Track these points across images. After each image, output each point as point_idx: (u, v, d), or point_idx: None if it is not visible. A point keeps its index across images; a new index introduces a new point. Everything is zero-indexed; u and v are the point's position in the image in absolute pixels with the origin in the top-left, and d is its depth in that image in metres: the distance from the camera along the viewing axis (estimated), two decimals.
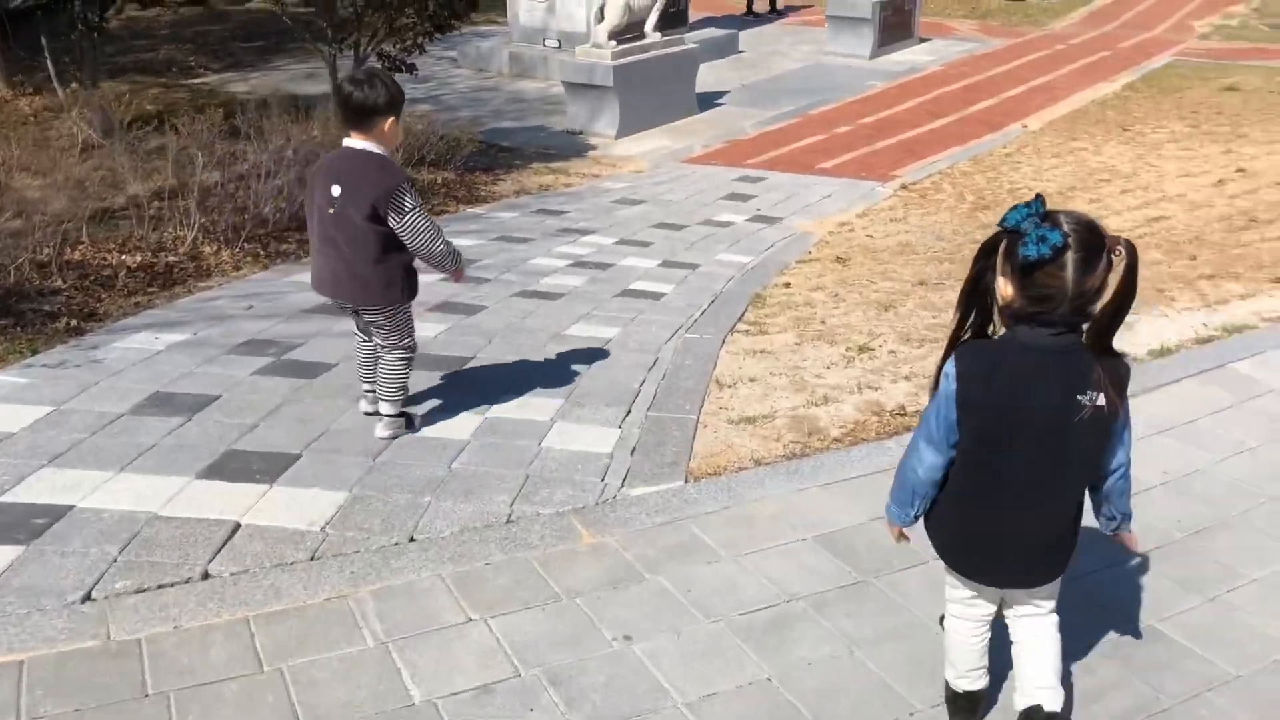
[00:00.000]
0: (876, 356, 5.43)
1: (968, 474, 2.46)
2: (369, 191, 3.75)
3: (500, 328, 5.63)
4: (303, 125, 8.07)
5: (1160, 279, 6.77)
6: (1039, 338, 2.31)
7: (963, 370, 2.38)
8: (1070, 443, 2.36)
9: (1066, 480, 2.45)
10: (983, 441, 2.40)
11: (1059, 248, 2.22)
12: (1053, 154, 10.80)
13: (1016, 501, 2.44)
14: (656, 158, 11.11)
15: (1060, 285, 2.24)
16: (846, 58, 15.73)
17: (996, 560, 2.54)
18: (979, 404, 2.36)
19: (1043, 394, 2.32)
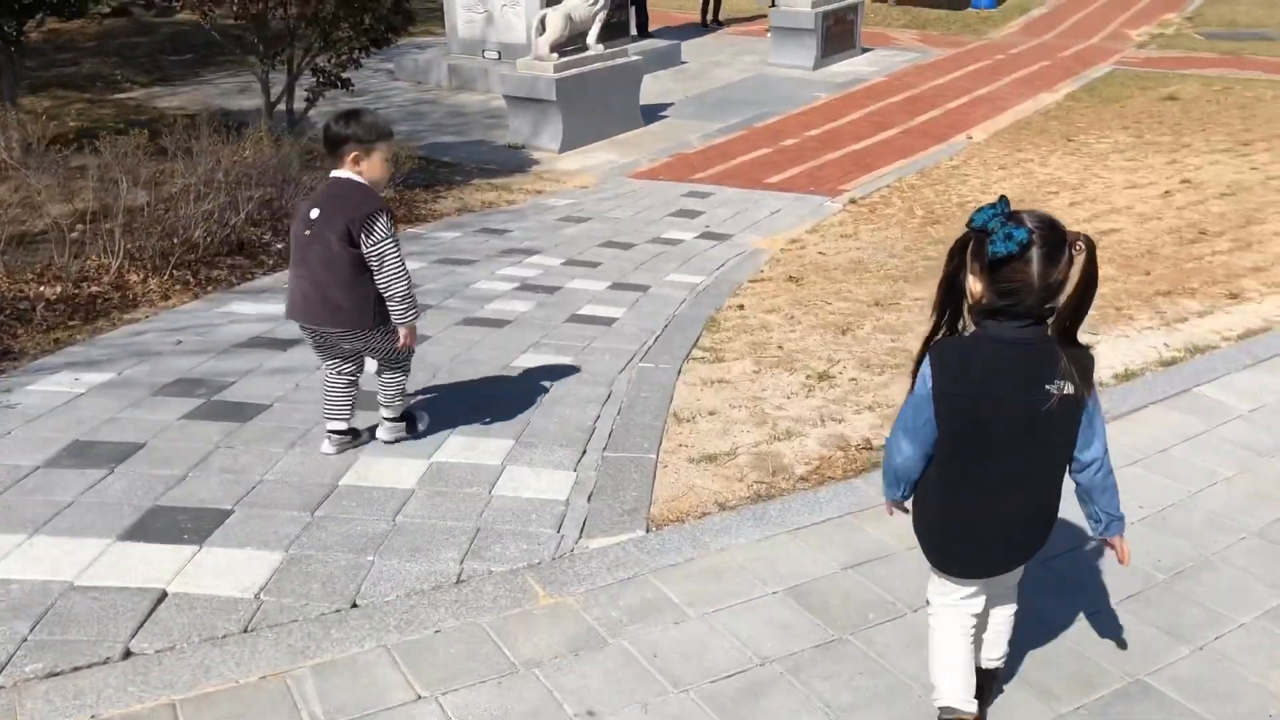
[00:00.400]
0: (837, 384, 5.25)
1: (945, 464, 2.56)
2: (345, 213, 3.81)
3: (445, 361, 5.37)
4: (234, 146, 7.73)
5: (1117, 296, 6.68)
6: (1007, 331, 2.43)
7: (937, 365, 2.50)
8: (1042, 430, 2.46)
9: (1040, 467, 2.55)
10: (958, 432, 2.50)
11: (1024, 244, 2.35)
12: (999, 165, 10.75)
13: (992, 489, 2.55)
14: (602, 172, 10.90)
15: (1026, 279, 2.36)
16: (790, 69, 15.63)
17: (976, 548, 2.63)
18: (953, 395, 2.48)
19: (1013, 384, 2.43)
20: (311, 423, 4.51)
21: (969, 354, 2.48)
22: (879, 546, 3.65)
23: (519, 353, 5.60)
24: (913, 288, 7.08)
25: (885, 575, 3.50)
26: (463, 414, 4.69)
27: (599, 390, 5.05)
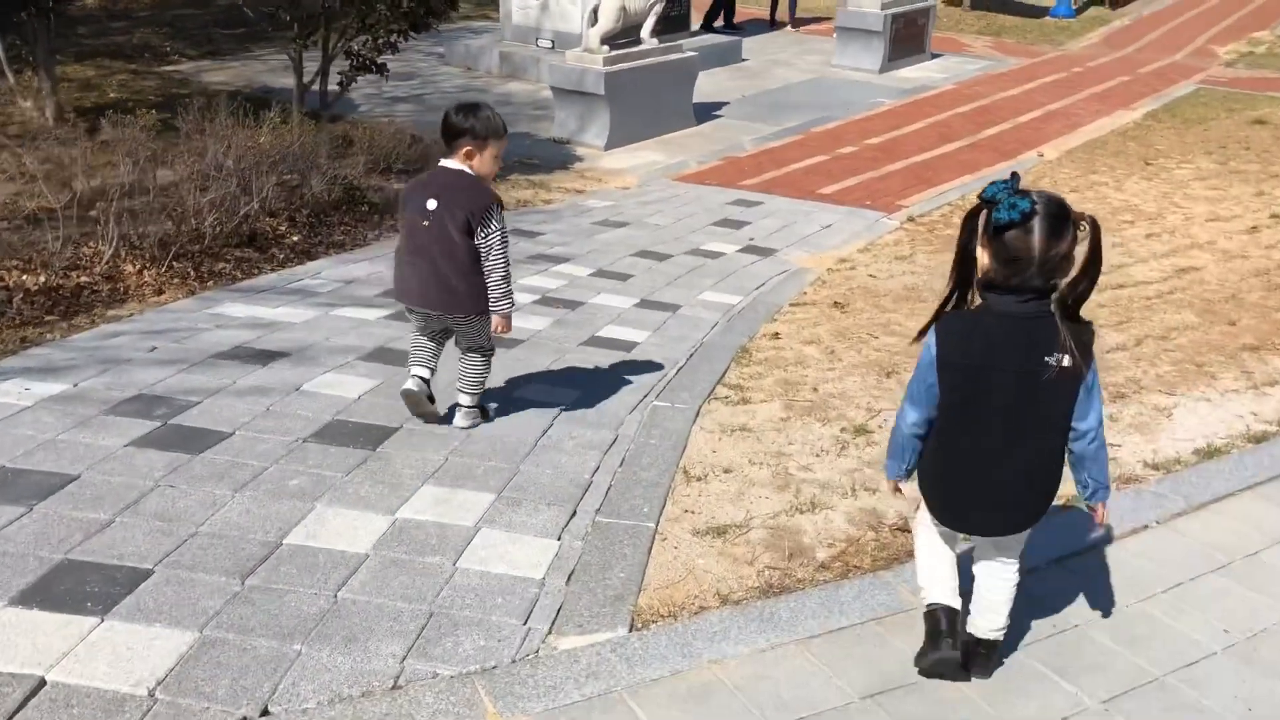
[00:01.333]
0: (875, 442, 4.58)
1: (948, 429, 2.67)
2: (464, 206, 3.95)
3: (439, 389, 4.78)
4: (250, 130, 7.21)
5: (1197, 349, 5.93)
6: (1009, 305, 2.52)
7: (942, 335, 2.61)
8: (1041, 399, 2.55)
9: (1037, 435, 2.62)
10: (961, 398, 2.60)
11: (1027, 213, 2.45)
12: (1070, 188, 9.95)
13: (992, 454, 2.64)
14: (647, 173, 10.27)
15: (1028, 248, 2.45)
16: (854, 71, 14.87)
17: (975, 506, 2.73)
18: (956, 365, 2.58)
19: (1014, 355, 2.52)
20: (272, 458, 3.95)
21: (972, 327, 2.58)
22: (907, 668, 3.00)
23: (524, 382, 5.01)
24: None
25: (913, 713, 2.85)
26: (444, 456, 4.11)
27: (603, 434, 4.44)
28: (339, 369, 4.91)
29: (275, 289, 6.23)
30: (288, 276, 6.53)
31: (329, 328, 5.51)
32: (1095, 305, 6.79)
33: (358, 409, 4.47)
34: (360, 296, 6.13)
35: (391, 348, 5.25)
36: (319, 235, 7.50)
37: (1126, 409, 5.03)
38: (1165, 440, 4.67)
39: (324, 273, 6.64)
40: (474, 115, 3.94)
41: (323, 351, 5.13)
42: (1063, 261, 2.49)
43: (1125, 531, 3.81)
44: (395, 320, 5.68)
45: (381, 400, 4.57)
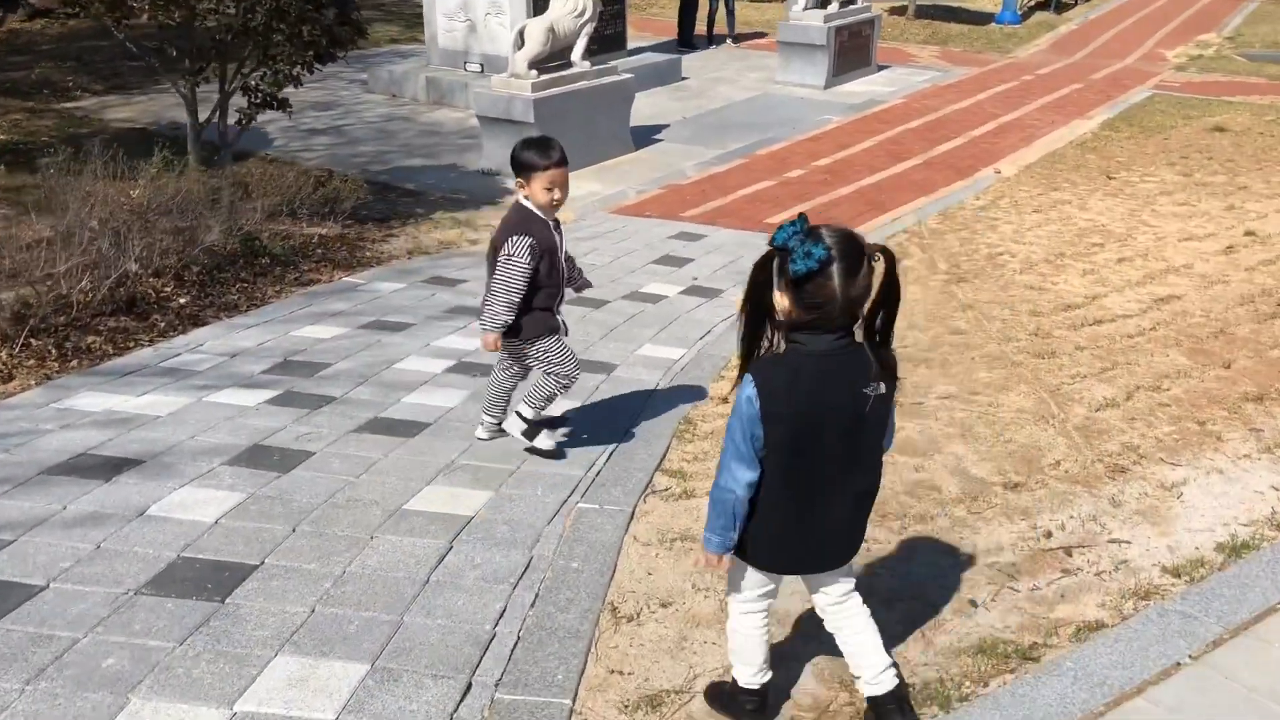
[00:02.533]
0: None
1: (781, 479, 2.59)
2: (500, 234, 4.11)
3: (317, 502, 3.95)
4: (122, 181, 6.33)
5: (1194, 401, 5.23)
6: (823, 344, 2.49)
7: (762, 386, 2.50)
8: (864, 431, 2.58)
9: (866, 462, 2.65)
10: (791, 447, 2.54)
11: (824, 260, 2.39)
12: (1033, 208, 9.29)
13: (828, 494, 2.62)
14: (583, 206, 9.47)
15: (830, 293, 2.42)
16: (799, 87, 14.17)
17: (813, 551, 2.70)
18: (783, 414, 2.51)
19: (837, 394, 2.51)
20: (88, 624, 3.09)
21: (793, 373, 2.50)
22: None
23: (422, 482, 4.19)
24: (939, 377, 5.64)
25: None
26: (312, 605, 3.27)
27: (513, 558, 3.63)
28: (199, 480, 4.06)
29: (147, 368, 5.36)
30: (165, 351, 5.65)
31: (198, 420, 4.65)
32: (1075, 348, 6.10)
33: (211, 540, 3.62)
34: (243, 374, 5.28)
35: (267, 445, 4.41)
36: (210, 295, 6.63)
37: (1130, 488, 4.29)
38: (1181, 532, 3.94)
39: (207, 344, 5.78)
40: (525, 148, 4.07)
41: (184, 456, 4.27)
42: (863, 296, 2.47)
43: (1155, 674, 3.05)
44: (277, 407, 4.84)
45: (244, 524, 3.73)
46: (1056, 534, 3.91)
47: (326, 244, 7.93)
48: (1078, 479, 4.39)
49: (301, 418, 4.75)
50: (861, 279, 2.44)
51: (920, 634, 3.29)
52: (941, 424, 4.98)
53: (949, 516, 4.06)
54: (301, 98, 12.45)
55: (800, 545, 2.69)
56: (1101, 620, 3.32)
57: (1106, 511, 4.09)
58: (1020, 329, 6.45)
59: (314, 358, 5.59)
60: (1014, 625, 3.34)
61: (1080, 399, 5.30)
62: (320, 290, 6.96)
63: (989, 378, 5.62)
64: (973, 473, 4.48)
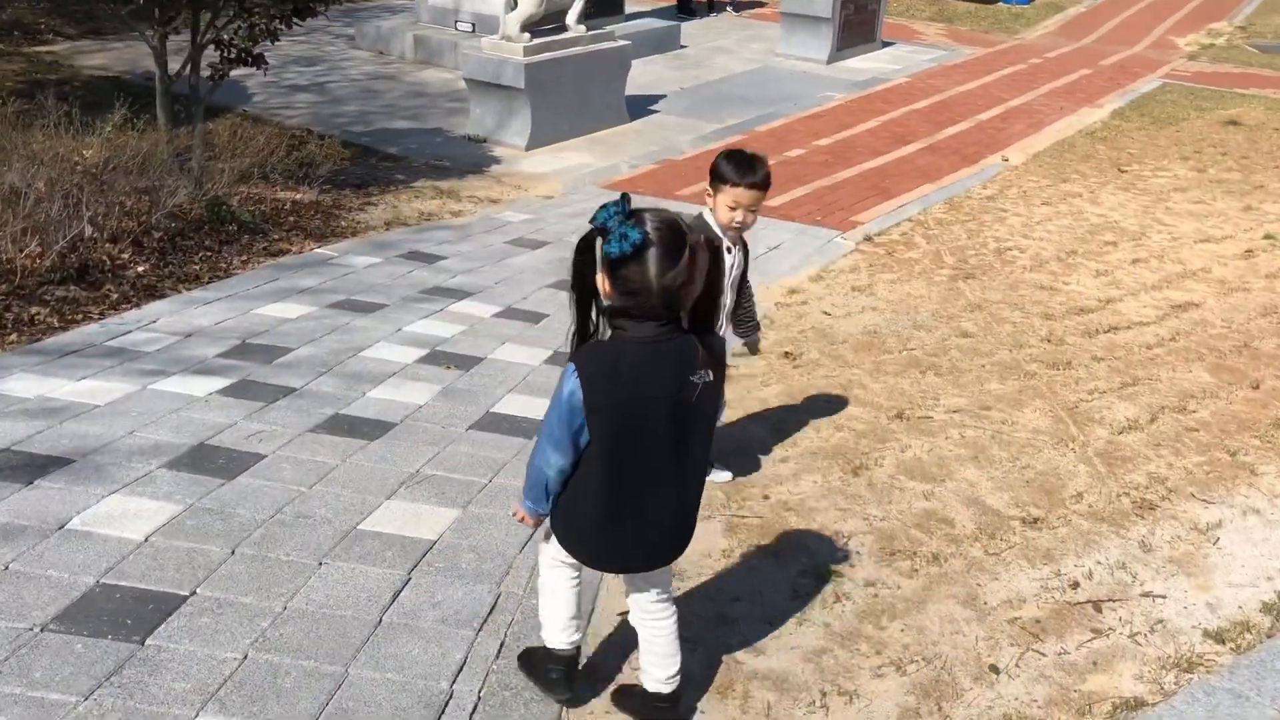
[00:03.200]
0: (847, 592, 3.40)
1: (603, 469, 2.44)
2: None
3: (262, 518, 3.51)
4: (75, 141, 5.82)
5: (1223, 426, 4.84)
6: (647, 331, 2.36)
7: (585, 374, 2.36)
8: (692, 419, 2.43)
9: (692, 454, 2.50)
10: (615, 438, 2.40)
11: (639, 245, 2.26)
12: (1042, 199, 8.86)
13: (656, 484, 2.47)
14: (573, 179, 8.99)
15: (645, 280, 2.29)
16: (801, 61, 13.66)
17: (638, 543, 2.53)
18: (606, 405, 2.37)
19: (663, 384, 2.38)
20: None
21: (615, 362, 2.36)
22: None
23: (382, 495, 3.75)
24: (948, 386, 5.23)
25: None
26: (245, 650, 2.84)
27: (478, 594, 3.20)
28: (132, 486, 3.61)
29: (91, 347, 4.89)
30: (114, 327, 5.18)
31: (140, 413, 4.19)
32: (1092, 358, 5.69)
33: (138, 562, 3.18)
34: (195, 358, 4.82)
35: (213, 444, 3.96)
36: (170, 265, 6.14)
37: (1161, 531, 3.90)
38: (1221, 586, 3.54)
39: (161, 321, 5.30)
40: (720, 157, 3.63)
41: (119, 455, 3.82)
42: (685, 287, 2.33)
43: None
44: (229, 398, 4.39)
45: (177, 544, 3.29)
46: (1083, 583, 3.52)
47: (300, 211, 7.43)
48: (1103, 516, 3.99)
49: (255, 413, 4.30)
50: (680, 269, 2.29)
51: (937, 706, 2.89)
52: (952, 443, 4.57)
53: (964, 557, 3.65)
54: (285, 52, 11.90)
55: (615, 541, 2.54)
56: (1141, 697, 2.93)
57: (1136, 558, 3.69)
58: (1032, 334, 6.04)
59: (275, 340, 5.13)
60: (1041, 699, 2.94)
61: (1101, 419, 4.89)
62: (289, 262, 6.48)
63: (1001, 390, 5.21)
64: (988, 503, 4.08)
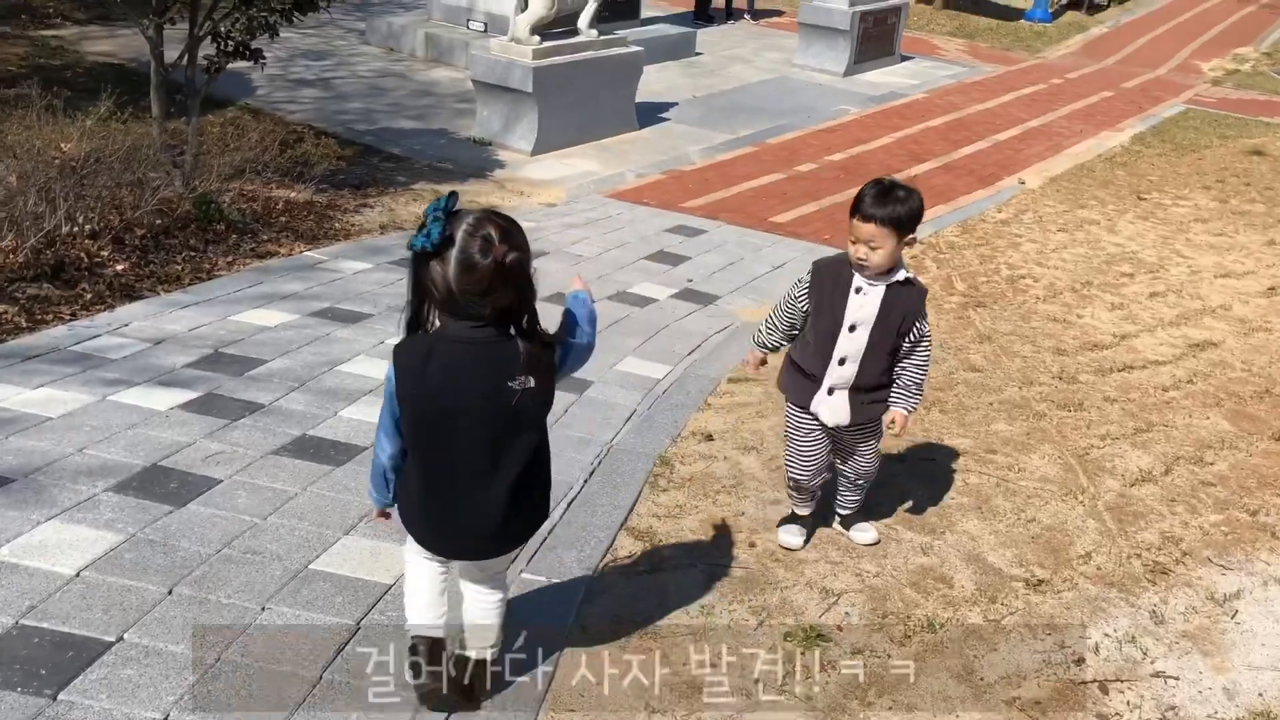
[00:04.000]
0: (835, 666, 3.11)
1: (418, 459, 2.49)
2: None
3: (208, 552, 3.24)
4: (55, 133, 5.58)
5: (1244, 482, 4.54)
6: (462, 330, 2.35)
7: (399, 364, 2.39)
8: (508, 425, 2.42)
9: (513, 459, 2.47)
10: (424, 431, 2.43)
11: (437, 244, 2.25)
12: (1058, 226, 8.56)
13: (472, 480, 2.47)
14: (577, 186, 8.72)
15: (437, 280, 2.29)
16: (818, 73, 13.37)
17: (459, 532, 2.56)
18: (414, 396, 2.40)
19: (474, 383, 2.37)
20: None
21: (427, 354, 2.38)
22: None
23: (340, 530, 3.49)
24: (953, 425, 4.94)
25: None
26: (167, 710, 2.58)
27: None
28: (73, 511, 3.35)
29: (55, 351, 4.64)
30: (82, 330, 4.93)
31: (95, 427, 3.94)
32: (1104, 399, 5.40)
33: (65, 601, 2.92)
34: (162, 368, 4.56)
35: (167, 466, 3.70)
36: (151, 264, 5.90)
37: (1174, 599, 3.61)
38: (1239, 666, 3.25)
39: (133, 325, 5.05)
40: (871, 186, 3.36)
41: (65, 475, 3.57)
42: (486, 295, 2.30)
43: None
44: (192, 414, 4.13)
45: (110, 580, 3.03)
46: (1089, 659, 3.23)
47: (293, 210, 7.18)
48: (1112, 579, 3.70)
49: (217, 431, 4.04)
50: (477, 277, 2.25)
51: None
52: (955, 491, 4.29)
53: (961, 624, 3.37)
54: (293, 45, 11.68)
55: (442, 528, 2.56)
56: None
57: (1147, 630, 3.41)
58: (1043, 370, 5.76)
59: (249, 351, 4.87)
60: None
61: (1112, 468, 4.60)
62: (276, 265, 6.23)
63: (1009, 432, 4.93)
64: (990, 560, 3.79)
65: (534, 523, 2.64)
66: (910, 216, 3.24)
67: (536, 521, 2.64)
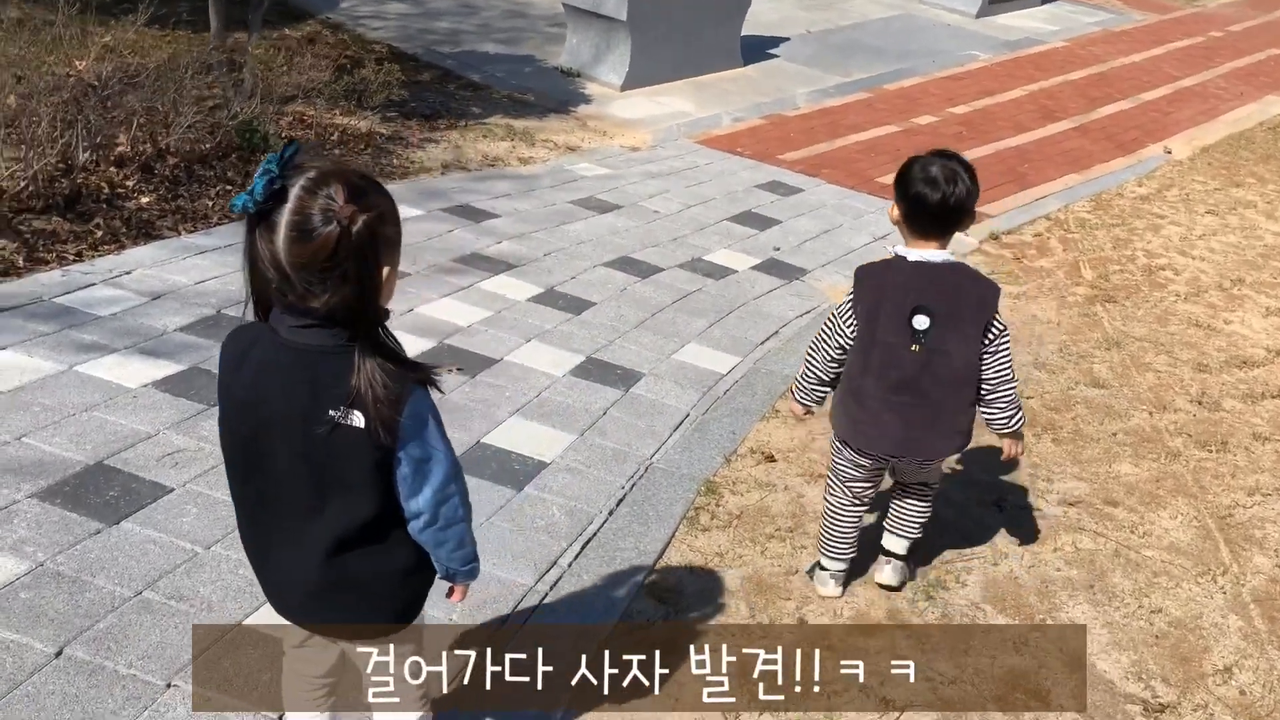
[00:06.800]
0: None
1: (230, 475, 1.90)
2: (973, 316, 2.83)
3: (125, 594, 2.63)
4: (70, 51, 4.98)
5: None
6: (281, 325, 1.74)
7: (223, 354, 1.84)
8: (319, 462, 1.76)
9: (322, 509, 1.81)
10: (232, 441, 1.86)
11: (260, 201, 1.62)
12: (1207, 207, 7.44)
13: (279, 527, 1.87)
14: (665, 130, 7.88)
15: (268, 251, 1.66)
16: (948, 12, 12.13)
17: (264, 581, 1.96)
18: (226, 397, 1.84)
19: (285, 397, 1.75)
20: None
21: (245, 353, 1.79)
22: None
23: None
24: (1066, 461, 4.09)
25: None
26: None
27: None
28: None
29: (37, 302, 4.08)
30: (77, 276, 4.36)
31: (47, 405, 3.36)
32: (1254, 437, 4.45)
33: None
34: (151, 331, 3.97)
35: (113, 465, 3.10)
36: (180, 198, 5.32)
37: None
38: None
39: (135, 272, 4.47)
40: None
41: None
42: (328, 277, 1.65)
43: None
44: (164, 393, 3.53)
45: (42, 594, 2.43)
46: None
47: (349, 141, 6.53)
48: (1258, 712, 2.87)
49: (186, 419, 3.43)
50: (321, 246, 1.64)
51: None
52: (1063, 559, 3.46)
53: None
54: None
55: (262, 577, 1.98)
56: None
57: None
58: (1180, 391, 4.83)
59: None
60: None
61: (1262, 539, 3.71)
62: None
63: (1135, 476, 4.05)
64: (1099, 668, 2.98)
65: (366, 613, 1.94)
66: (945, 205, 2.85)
67: (371, 614, 1.95)
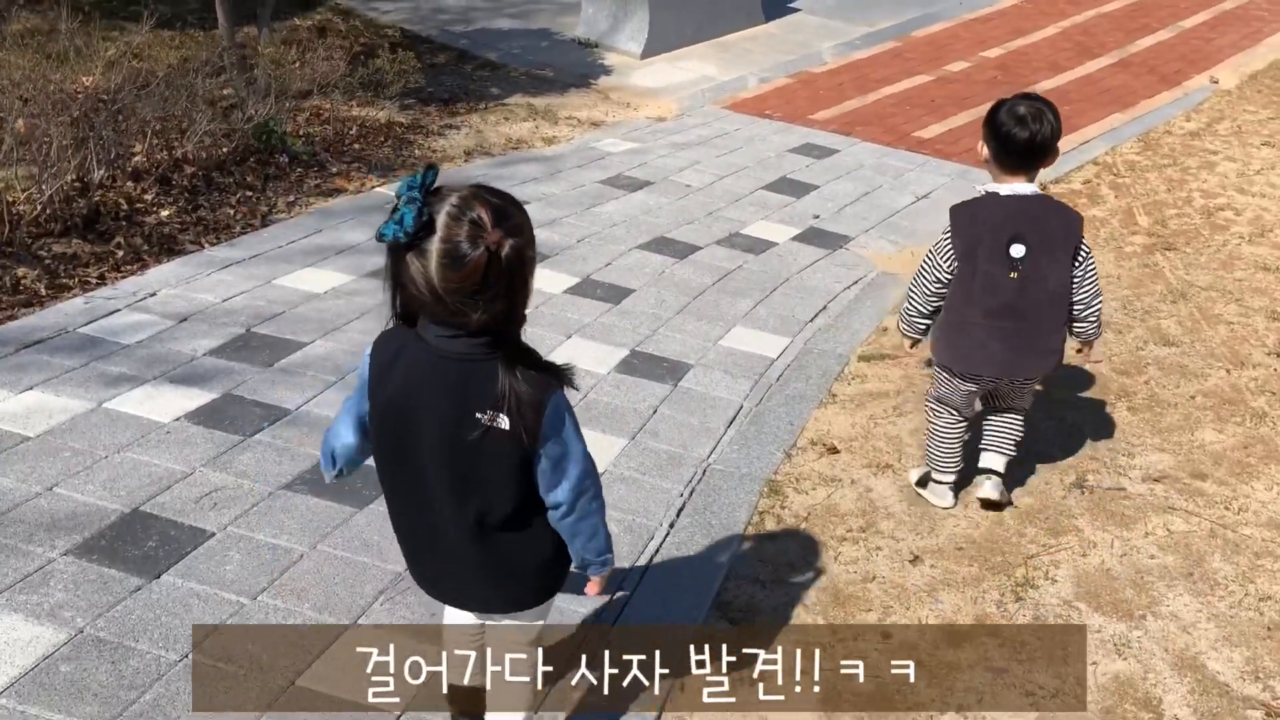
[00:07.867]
0: None
1: (380, 469, 2.02)
2: (1063, 242, 3.13)
3: (170, 659, 2.46)
4: (74, 68, 4.79)
5: None
6: (430, 334, 1.87)
7: (374, 356, 1.96)
8: (465, 463, 1.90)
9: (468, 505, 1.93)
10: (382, 438, 1.98)
11: (411, 232, 1.73)
12: (1262, 139, 7.09)
13: (420, 514, 2.00)
14: (690, 96, 7.60)
15: (423, 278, 1.76)
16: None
17: (414, 563, 2.11)
18: (377, 396, 1.95)
19: (434, 403, 1.88)
20: None
21: (395, 357, 1.92)
22: None
23: (349, 615, 2.67)
24: (1145, 431, 3.85)
25: None
26: None
27: None
28: (12, 593, 2.61)
29: (63, 334, 3.92)
30: (100, 303, 4.20)
31: (78, 450, 3.20)
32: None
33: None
34: (180, 356, 3.80)
35: (153, 512, 2.94)
36: (201, 209, 5.14)
37: None
38: None
39: (161, 293, 4.30)
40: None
41: (20, 530, 2.83)
42: (478, 295, 1.75)
43: None
44: (199, 426, 3.36)
45: (31, 713, 2.27)
46: None
47: (368, 135, 6.32)
48: None
49: (225, 452, 3.26)
50: (470, 272, 1.72)
51: None
52: (1155, 544, 3.23)
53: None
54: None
55: (413, 559, 2.11)
56: None
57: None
58: (1257, 343, 4.57)
59: (285, 330, 4.07)
60: None
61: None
62: (340, 207, 5.40)
63: (1221, 443, 3.81)
64: (1209, 667, 2.77)
65: (518, 582, 2.06)
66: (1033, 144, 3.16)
67: (519, 583, 2.06)
